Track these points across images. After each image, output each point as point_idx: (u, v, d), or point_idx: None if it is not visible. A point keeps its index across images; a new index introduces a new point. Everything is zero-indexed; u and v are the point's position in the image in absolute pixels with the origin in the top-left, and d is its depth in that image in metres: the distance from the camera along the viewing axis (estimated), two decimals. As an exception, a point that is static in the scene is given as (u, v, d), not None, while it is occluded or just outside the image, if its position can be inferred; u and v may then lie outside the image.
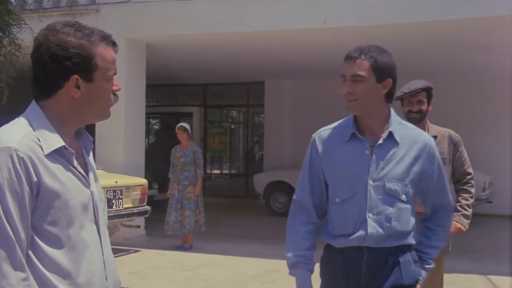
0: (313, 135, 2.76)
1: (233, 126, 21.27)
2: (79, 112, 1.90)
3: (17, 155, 1.73)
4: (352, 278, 2.60)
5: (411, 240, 2.64)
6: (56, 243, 1.80)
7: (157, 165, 12.91)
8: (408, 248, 2.64)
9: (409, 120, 4.05)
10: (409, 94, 4.18)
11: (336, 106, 6.36)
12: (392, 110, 2.67)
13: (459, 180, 4.46)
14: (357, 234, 2.56)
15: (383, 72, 2.56)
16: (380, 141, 2.59)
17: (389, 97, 2.63)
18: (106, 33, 1.94)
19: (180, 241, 9.47)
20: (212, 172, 19.41)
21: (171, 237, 9.68)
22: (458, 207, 4.34)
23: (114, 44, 1.96)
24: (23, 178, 1.74)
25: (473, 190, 4.45)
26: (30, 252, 1.77)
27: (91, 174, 1.97)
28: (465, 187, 4.43)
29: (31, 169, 1.75)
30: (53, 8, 10.06)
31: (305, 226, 2.74)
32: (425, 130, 4.13)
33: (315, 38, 9.77)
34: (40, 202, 1.78)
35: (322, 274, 2.76)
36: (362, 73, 2.54)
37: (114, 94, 1.97)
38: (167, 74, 14.92)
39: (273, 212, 12.94)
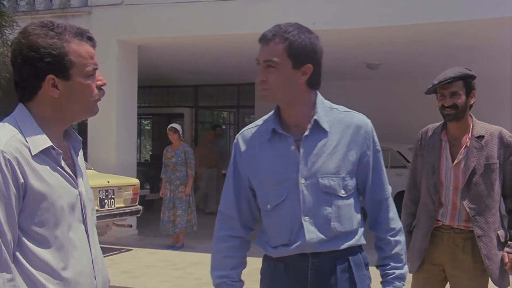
0: (236, 136, 2.41)
1: (224, 127, 21.35)
2: (62, 111, 1.89)
3: (4, 156, 1.73)
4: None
5: (361, 241, 2.30)
6: (44, 244, 1.80)
7: (211, 169, 13.20)
8: (358, 249, 2.31)
9: (444, 117, 3.51)
10: (439, 86, 3.47)
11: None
12: (319, 96, 2.31)
13: (511, 194, 3.55)
14: (297, 243, 2.22)
15: (301, 57, 2.18)
16: (306, 133, 2.24)
17: (312, 83, 2.25)
18: (80, 29, 1.90)
19: (171, 240, 9.55)
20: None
21: (163, 237, 9.77)
22: None
23: (90, 39, 1.92)
24: (10, 180, 1.73)
25: None
26: (17, 253, 1.77)
27: (79, 174, 1.96)
28: None
29: (18, 170, 1.75)
30: (45, 10, 10.12)
31: (228, 241, 2.39)
32: (469, 128, 3.51)
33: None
34: (26, 204, 1.77)
35: None
36: (275, 58, 2.18)
37: (100, 89, 1.94)
38: (159, 76, 14.97)
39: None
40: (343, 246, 2.24)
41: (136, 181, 9.31)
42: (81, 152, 2.04)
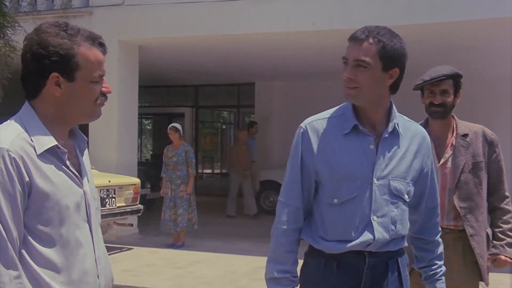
0: (302, 126, 2.35)
1: (224, 127, 21.41)
2: (63, 111, 1.90)
3: (9, 155, 1.74)
4: (350, 286, 2.27)
5: (405, 243, 2.38)
6: (49, 242, 1.81)
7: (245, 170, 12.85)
8: (403, 250, 2.39)
9: (431, 114, 3.47)
10: (430, 82, 3.40)
11: (324, 107, 6.49)
12: (392, 102, 2.37)
13: (495, 192, 3.53)
14: (362, 239, 2.23)
15: (392, 60, 2.23)
16: (386, 135, 2.28)
17: (394, 88, 2.31)
18: (93, 34, 1.92)
19: (172, 239, 9.60)
20: (204, 171, 19.52)
21: (163, 235, 9.81)
22: (499, 234, 3.48)
23: (101, 45, 1.93)
24: (15, 178, 1.74)
25: None
26: (23, 250, 1.78)
27: (84, 174, 1.97)
28: (502, 205, 3.52)
29: (23, 169, 1.76)
30: (47, 11, 10.16)
31: (292, 235, 2.35)
32: (452, 127, 3.50)
33: (304, 40, 9.88)
34: (32, 202, 1.79)
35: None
36: (367, 59, 2.20)
37: (103, 95, 1.95)
38: (159, 76, 15.00)
39: (263, 211, 13.07)
40: (397, 248, 2.32)
41: (137, 180, 9.34)
42: (86, 152, 2.06)
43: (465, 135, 3.44)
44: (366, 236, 2.23)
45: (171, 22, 9.79)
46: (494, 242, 3.46)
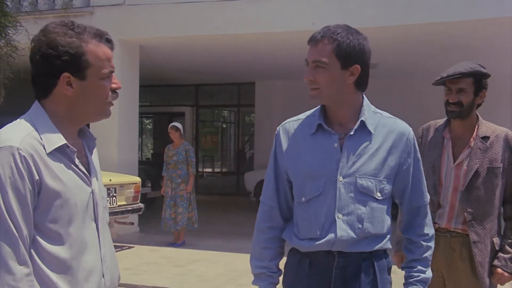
0: (278, 128, 2.44)
1: (224, 126, 21.47)
2: (75, 110, 1.90)
3: (19, 153, 1.74)
4: (321, 285, 2.28)
5: (387, 245, 2.32)
6: (57, 240, 1.81)
7: None
8: (383, 253, 2.33)
9: (446, 113, 3.31)
10: (448, 79, 3.25)
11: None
12: (365, 99, 2.35)
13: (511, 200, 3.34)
14: (326, 238, 2.24)
15: (349, 57, 2.21)
16: (351, 132, 2.27)
17: (359, 84, 2.28)
18: (99, 31, 1.90)
19: (172, 238, 9.64)
20: (204, 170, 19.58)
21: (164, 234, 9.84)
22: (507, 246, 3.30)
23: (108, 41, 1.92)
24: (25, 176, 1.74)
25: None
26: (31, 250, 1.77)
27: (93, 172, 1.97)
28: None
29: (33, 167, 1.76)
30: (48, 10, 10.19)
31: (267, 233, 2.43)
32: (474, 128, 3.33)
33: (304, 40, 9.77)
34: (41, 200, 1.78)
35: (285, 283, 2.42)
36: (324, 59, 2.21)
37: (114, 92, 1.94)
38: (160, 75, 15.03)
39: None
40: (371, 249, 2.26)
41: (137, 179, 9.38)
42: (95, 150, 2.06)
43: (486, 138, 3.27)
44: (330, 234, 2.24)
45: (172, 21, 9.83)
46: (500, 254, 3.29)
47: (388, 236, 2.32)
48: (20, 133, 1.80)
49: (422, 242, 2.40)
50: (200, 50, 11.28)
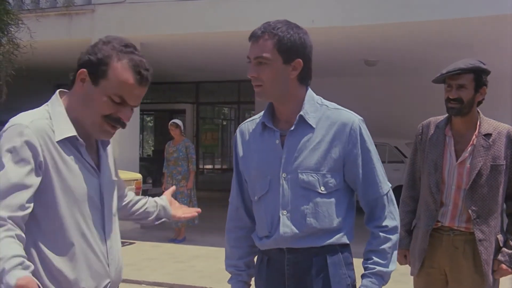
0: (237, 129, 2.46)
1: (224, 123, 21.50)
2: (79, 108, 1.97)
3: (27, 133, 1.83)
4: (277, 282, 2.29)
5: (342, 240, 2.26)
6: (60, 228, 1.87)
7: None
8: (339, 248, 2.27)
9: (446, 110, 3.29)
10: (448, 76, 3.24)
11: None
12: (309, 92, 2.31)
13: None
14: (274, 235, 2.25)
15: (290, 51, 2.19)
16: (292, 128, 2.25)
17: (303, 79, 2.26)
18: (141, 63, 1.95)
19: (173, 234, 9.69)
20: (205, 167, 19.59)
21: (165, 230, 9.85)
22: (511, 242, 3.30)
23: (140, 74, 1.94)
24: (30, 152, 1.81)
25: None
26: (38, 241, 1.84)
27: (103, 167, 2.05)
28: None
29: (39, 148, 1.83)
30: (50, 8, 10.22)
31: (234, 232, 2.47)
32: (475, 125, 3.30)
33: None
34: (43, 183, 1.83)
35: (255, 280, 2.44)
36: (265, 54, 2.19)
37: (119, 122, 1.98)
38: (161, 72, 15.04)
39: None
40: (320, 244, 2.23)
41: (138, 175, 9.43)
42: (110, 147, 2.15)
43: (488, 135, 3.24)
44: (277, 232, 2.24)
45: (173, 19, 9.87)
46: (504, 249, 3.28)
47: (343, 230, 2.26)
48: (32, 117, 1.90)
49: (380, 233, 2.28)
50: (200, 48, 11.31)
